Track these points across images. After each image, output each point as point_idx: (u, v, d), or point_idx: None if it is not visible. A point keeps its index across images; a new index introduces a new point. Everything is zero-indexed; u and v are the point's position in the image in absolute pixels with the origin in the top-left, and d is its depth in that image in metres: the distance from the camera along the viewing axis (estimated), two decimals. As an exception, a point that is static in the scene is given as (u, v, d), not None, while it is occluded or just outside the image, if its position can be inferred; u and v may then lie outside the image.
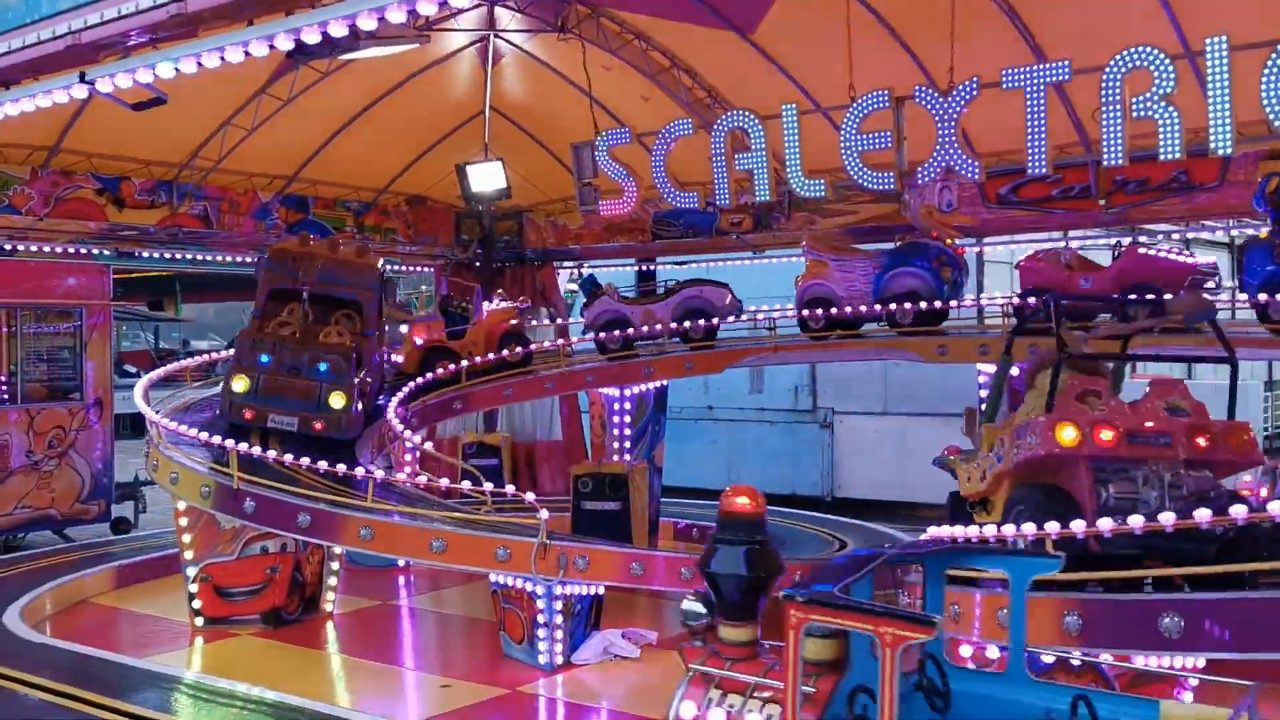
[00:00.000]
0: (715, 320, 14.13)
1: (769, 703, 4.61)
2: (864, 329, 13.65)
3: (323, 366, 11.04)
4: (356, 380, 11.15)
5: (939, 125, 9.11)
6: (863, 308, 13.10)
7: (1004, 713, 4.67)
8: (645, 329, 14.28)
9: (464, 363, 13.75)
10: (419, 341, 14.11)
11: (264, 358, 11.01)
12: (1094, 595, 6.36)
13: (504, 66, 14.44)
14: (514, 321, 14.64)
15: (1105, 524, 6.35)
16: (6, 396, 14.69)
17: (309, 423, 10.98)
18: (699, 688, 4.83)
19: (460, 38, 13.74)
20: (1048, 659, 6.43)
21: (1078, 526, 6.36)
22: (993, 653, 6.46)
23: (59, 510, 15.09)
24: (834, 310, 13.23)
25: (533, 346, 15.49)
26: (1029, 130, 8.87)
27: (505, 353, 14.05)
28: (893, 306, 12.88)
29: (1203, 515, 6.10)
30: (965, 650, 6.53)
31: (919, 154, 9.58)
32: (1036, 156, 8.87)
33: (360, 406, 11.37)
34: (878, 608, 4.28)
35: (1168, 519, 6.21)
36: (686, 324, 14.17)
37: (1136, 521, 6.28)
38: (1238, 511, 6.07)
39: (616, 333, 14.27)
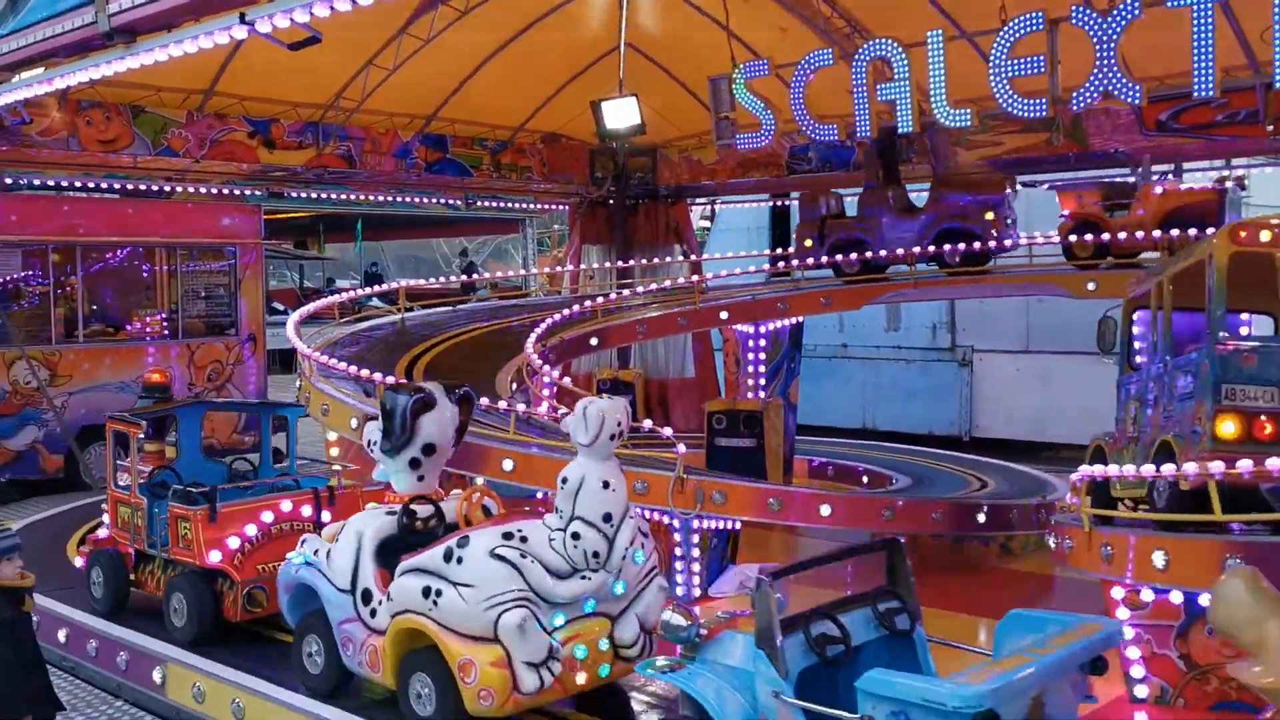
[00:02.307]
0: None
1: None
2: (1005, 262, 13.05)
3: None
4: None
5: (1097, 47, 8.69)
6: None
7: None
8: None
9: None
10: (1066, 212, 12.94)
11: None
12: (1260, 538, 6.11)
13: (639, 1, 14.32)
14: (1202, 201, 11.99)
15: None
16: (168, 332, 15.42)
17: None
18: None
19: (596, -28, 13.70)
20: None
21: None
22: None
23: (218, 440, 15.81)
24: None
25: (666, 283, 15.54)
26: (1195, 51, 8.41)
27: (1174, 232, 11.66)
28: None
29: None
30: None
31: (1072, 80, 9.19)
32: (1203, 78, 8.41)
33: (809, 243, 14.30)
34: None
35: None
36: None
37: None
38: None
39: None
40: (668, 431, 9.34)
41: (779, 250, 17.51)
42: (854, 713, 4.54)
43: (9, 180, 14.07)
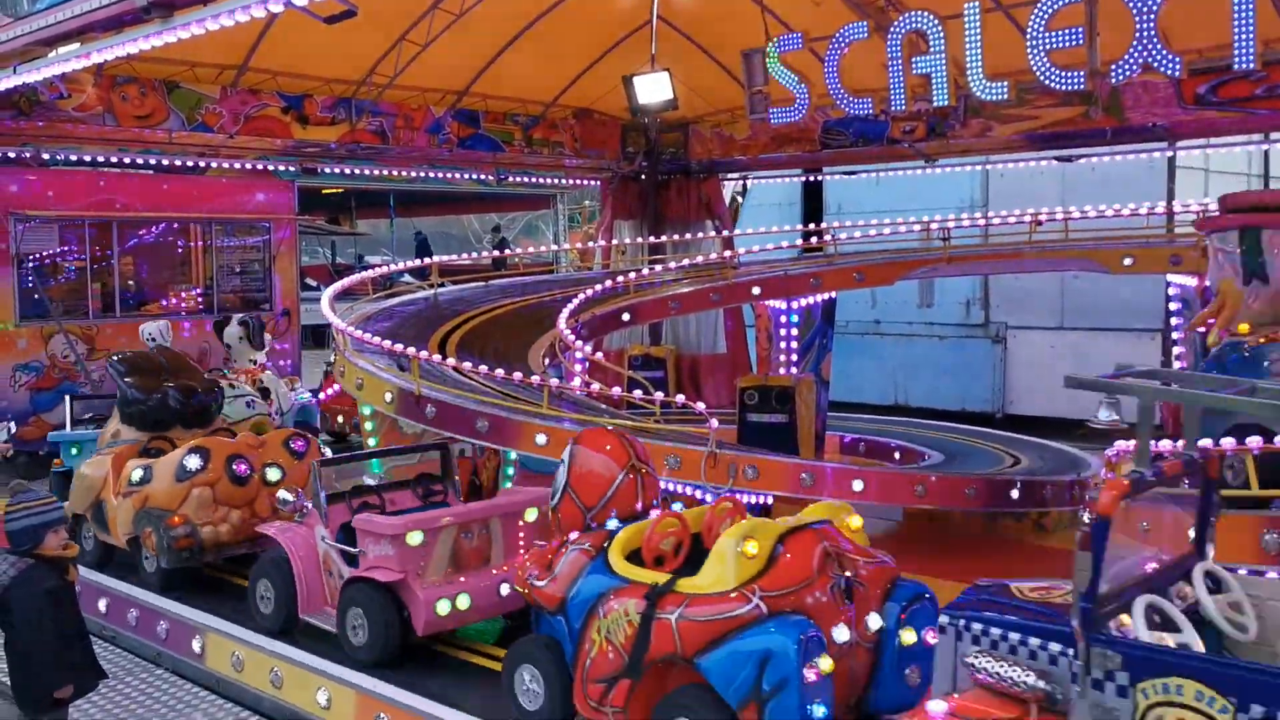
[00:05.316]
0: None
1: None
2: (1040, 237, 12.94)
3: None
4: None
5: (1137, 18, 8.57)
6: None
7: None
8: None
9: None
10: None
11: None
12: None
13: (672, -27, 14.25)
14: None
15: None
16: (203, 306, 15.55)
17: None
18: None
19: (628, -55, 13.61)
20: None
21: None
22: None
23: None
24: None
25: (698, 259, 15.51)
26: (1236, 21, 8.29)
27: None
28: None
29: None
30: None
31: (1111, 52, 9.06)
32: (1244, 49, 8.27)
33: None
34: None
35: None
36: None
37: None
38: None
39: None
40: (701, 406, 9.32)
41: (811, 225, 17.41)
42: None
43: (45, 155, 14.19)
